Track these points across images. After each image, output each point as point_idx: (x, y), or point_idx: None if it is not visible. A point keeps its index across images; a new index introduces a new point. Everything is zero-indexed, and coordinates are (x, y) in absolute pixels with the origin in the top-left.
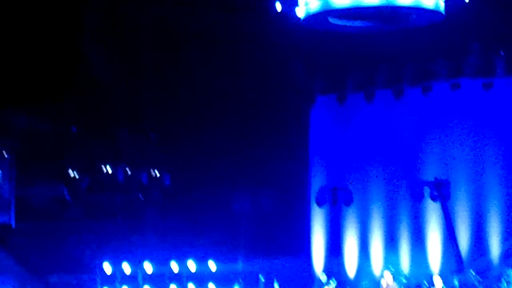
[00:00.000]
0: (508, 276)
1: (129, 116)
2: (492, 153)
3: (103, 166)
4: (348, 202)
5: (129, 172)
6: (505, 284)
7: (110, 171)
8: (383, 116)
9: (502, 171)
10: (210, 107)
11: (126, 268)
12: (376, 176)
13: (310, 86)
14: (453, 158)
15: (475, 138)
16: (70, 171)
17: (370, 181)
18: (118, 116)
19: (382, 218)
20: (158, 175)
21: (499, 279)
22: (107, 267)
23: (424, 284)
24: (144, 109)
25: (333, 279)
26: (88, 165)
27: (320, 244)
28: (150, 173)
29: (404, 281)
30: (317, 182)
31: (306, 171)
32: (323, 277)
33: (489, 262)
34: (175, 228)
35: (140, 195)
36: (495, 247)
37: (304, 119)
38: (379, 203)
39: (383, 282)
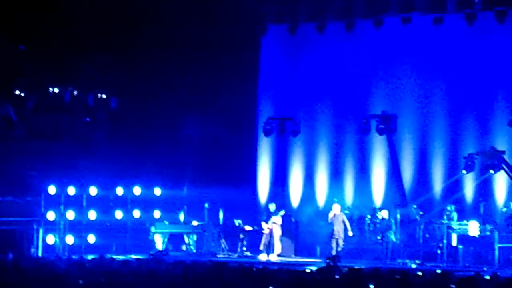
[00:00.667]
0: (449, 211)
1: (77, 37)
2: (439, 88)
3: (50, 87)
4: (295, 133)
5: (76, 93)
6: (446, 219)
7: (57, 92)
8: (334, 48)
9: (448, 107)
10: (160, 33)
11: (71, 191)
12: (324, 108)
13: (261, 15)
14: (401, 92)
15: (423, 73)
16: (17, 91)
17: (318, 113)
18: (67, 36)
19: (328, 149)
20: (104, 97)
21: (440, 214)
22: (52, 190)
23: (367, 216)
24: (92, 32)
25: (283, 210)
26: (35, 85)
27: (266, 173)
28: (96, 95)
29: (347, 212)
30: (265, 111)
31: (254, 100)
32: (271, 206)
33: (431, 196)
34: (121, 152)
35: (86, 118)
36: (437, 182)
37: (254, 48)
38: (326, 135)
39: (330, 214)
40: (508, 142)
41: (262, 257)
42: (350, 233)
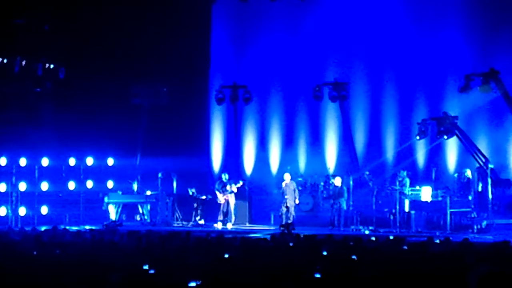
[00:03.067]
0: (401, 177)
1: (25, 6)
2: (390, 54)
3: None
4: (248, 101)
5: (24, 63)
6: (398, 185)
7: (5, 62)
8: (285, 15)
9: (400, 73)
10: (109, 1)
11: (23, 162)
12: (277, 76)
13: None
14: (353, 59)
15: (375, 40)
16: None
17: (270, 80)
18: (13, 4)
19: (281, 117)
20: (52, 67)
21: (392, 180)
22: (3, 161)
23: (320, 184)
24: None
25: (240, 181)
26: None
27: (218, 142)
28: (44, 65)
29: (300, 179)
30: (217, 80)
31: (206, 68)
32: (225, 176)
33: (383, 162)
34: (73, 123)
35: (35, 88)
36: (390, 149)
37: (205, 15)
38: (279, 102)
39: (283, 184)
40: (459, 108)
41: (218, 225)
42: (297, 201)
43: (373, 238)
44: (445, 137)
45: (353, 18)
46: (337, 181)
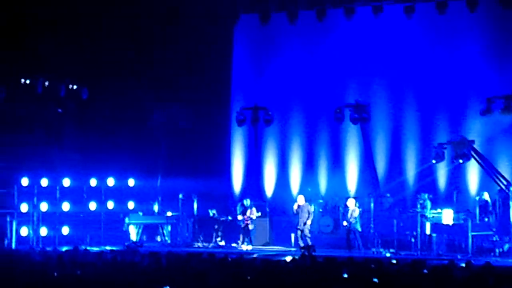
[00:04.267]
0: (422, 199)
1: (48, 28)
2: (412, 77)
3: (21, 78)
4: (269, 122)
5: (47, 84)
6: (419, 207)
7: (28, 83)
8: (306, 37)
9: (421, 95)
10: (132, 23)
11: (44, 182)
12: (297, 97)
13: (233, 4)
14: (374, 81)
15: (396, 62)
16: None
17: (291, 102)
18: (38, 27)
19: (302, 139)
20: (75, 87)
21: (413, 202)
22: (25, 181)
23: (341, 205)
24: (64, 22)
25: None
26: (7, 76)
27: (239, 163)
28: (67, 86)
29: (321, 201)
30: (238, 101)
31: (227, 90)
32: (246, 202)
33: (404, 185)
34: (94, 143)
35: (58, 109)
36: (410, 171)
37: (226, 38)
38: (300, 124)
39: (295, 205)
40: (481, 131)
41: (243, 247)
42: (308, 222)
43: (394, 261)
44: (461, 161)
45: (373, 39)
46: (350, 203)
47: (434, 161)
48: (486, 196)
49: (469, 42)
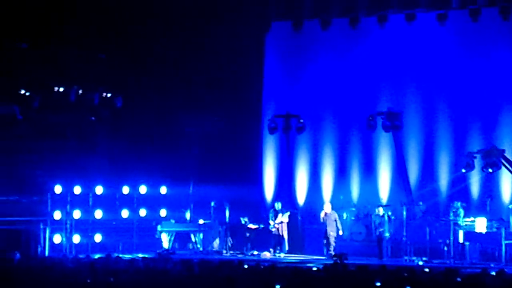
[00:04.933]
0: (455, 207)
1: (83, 35)
2: (444, 84)
3: (55, 86)
4: (301, 130)
5: (81, 92)
6: (452, 215)
7: (62, 91)
8: (338, 45)
9: (455, 103)
10: (165, 31)
11: (77, 190)
12: (329, 105)
13: (265, 11)
14: (406, 89)
15: (428, 70)
16: (22, 90)
17: (323, 110)
18: (72, 34)
19: (334, 147)
20: (109, 96)
21: (447, 211)
22: (58, 189)
23: (373, 213)
24: (98, 30)
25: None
26: (40, 84)
27: (271, 171)
28: (101, 94)
29: (353, 209)
30: (270, 109)
31: (259, 98)
32: (278, 205)
33: (437, 193)
34: (127, 151)
35: (91, 117)
36: (443, 179)
37: (258, 45)
38: (331, 132)
39: (322, 213)
40: None
41: (268, 254)
42: (341, 232)
43: (427, 269)
44: (490, 170)
45: (406, 47)
46: (380, 211)
47: (464, 170)
48: None
49: (502, 49)
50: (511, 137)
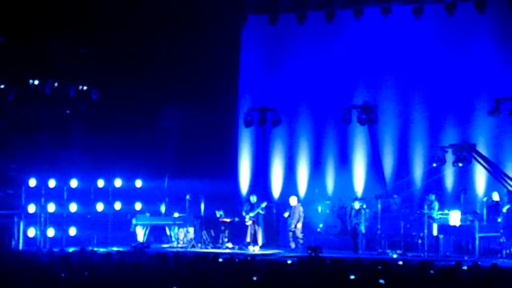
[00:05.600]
0: (429, 201)
1: (58, 28)
2: (420, 78)
3: (30, 79)
4: (276, 123)
5: (56, 85)
6: (426, 208)
7: (37, 84)
8: (314, 38)
9: (429, 96)
10: (141, 24)
11: (52, 183)
12: (305, 98)
13: (241, 5)
14: (382, 82)
15: (404, 63)
16: None
17: (298, 103)
18: (47, 27)
19: (310, 140)
20: (85, 88)
21: (421, 204)
22: (33, 182)
23: (348, 206)
24: (74, 23)
25: (265, 202)
26: (15, 77)
27: (247, 164)
28: (77, 86)
29: (328, 202)
30: (246, 102)
31: (235, 91)
32: (253, 198)
33: (411, 186)
34: (102, 145)
35: (67, 110)
36: (418, 172)
37: (234, 39)
38: (307, 125)
39: (286, 214)
40: (489, 132)
41: (250, 248)
42: (299, 225)
43: (401, 262)
44: (460, 164)
45: (381, 40)
46: (355, 205)
47: (435, 164)
48: (495, 196)
49: (478, 43)
50: (485, 131)
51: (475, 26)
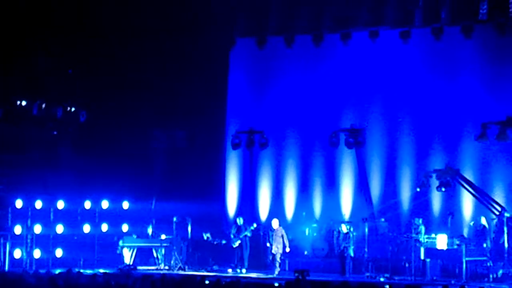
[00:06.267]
0: (416, 224)
1: (46, 49)
2: (407, 102)
3: (17, 99)
4: (264, 146)
5: (44, 106)
6: (413, 232)
7: (24, 104)
8: (302, 62)
9: (416, 120)
10: (129, 46)
11: (38, 204)
12: (293, 121)
13: (230, 28)
14: (369, 106)
15: (391, 87)
16: None
17: (286, 126)
18: (35, 48)
19: (297, 163)
20: (73, 110)
21: (408, 227)
22: (19, 203)
23: (335, 230)
24: (62, 45)
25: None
26: (3, 97)
27: (234, 186)
28: (65, 108)
29: (315, 225)
30: (233, 125)
31: (223, 113)
32: (239, 220)
33: (399, 210)
34: (89, 166)
35: (54, 131)
36: (405, 195)
37: (223, 61)
38: (295, 148)
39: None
40: (476, 156)
41: (233, 270)
42: (287, 249)
43: (387, 286)
44: (443, 189)
45: (369, 64)
46: (343, 228)
47: (418, 189)
48: (483, 221)
49: (465, 68)
50: (472, 156)
51: (462, 51)
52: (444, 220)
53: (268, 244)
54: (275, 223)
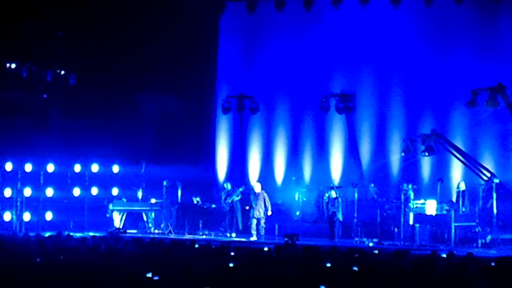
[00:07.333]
0: (405, 190)
1: (36, 12)
2: (397, 67)
3: (7, 62)
4: (254, 111)
5: (33, 69)
6: (403, 198)
7: (14, 67)
8: (292, 26)
9: (407, 85)
10: (119, 10)
11: (28, 168)
12: (283, 86)
13: None
14: (360, 71)
15: (382, 52)
16: None
17: (277, 91)
18: (26, 11)
19: (287, 128)
20: (63, 73)
21: (397, 193)
22: (9, 166)
23: (325, 195)
24: (53, 8)
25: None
26: None
27: (224, 151)
28: (55, 71)
29: (304, 190)
30: (224, 89)
31: (213, 78)
32: (227, 185)
33: (388, 175)
34: (79, 130)
35: (44, 94)
36: (395, 161)
37: (213, 26)
38: (285, 113)
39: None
40: (466, 122)
41: (223, 235)
42: (269, 213)
43: (376, 251)
44: (427, 154)
45: (360, 29)
46: (332, 193)
47: (403, 154)
48: (462, 185)
49: (455, 34)
50: (462, 122)
51: (453, 17)
52: (434, 186)
53: (247, 207)
54: (257, 187)
